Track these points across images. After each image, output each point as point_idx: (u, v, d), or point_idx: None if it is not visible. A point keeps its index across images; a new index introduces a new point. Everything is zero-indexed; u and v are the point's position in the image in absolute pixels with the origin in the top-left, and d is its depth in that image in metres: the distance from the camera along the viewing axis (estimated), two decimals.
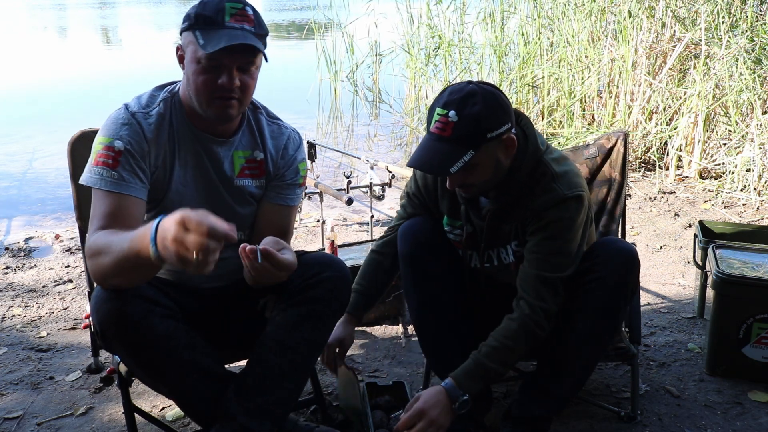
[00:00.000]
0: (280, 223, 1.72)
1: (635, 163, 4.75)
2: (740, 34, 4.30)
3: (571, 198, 1.61)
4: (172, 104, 1.61)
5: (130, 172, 1.51)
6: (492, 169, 1.61)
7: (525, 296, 1.64)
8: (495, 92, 1.57)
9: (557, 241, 1.63)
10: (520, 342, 1.63)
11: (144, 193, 1.54)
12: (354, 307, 1.88)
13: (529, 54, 5.47)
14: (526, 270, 1.66)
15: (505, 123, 1.56)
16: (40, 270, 3.21)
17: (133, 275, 1.38)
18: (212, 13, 1.48)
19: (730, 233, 2.67)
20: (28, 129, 6.52)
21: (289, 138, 1.73)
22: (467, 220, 1.77)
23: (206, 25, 1.48)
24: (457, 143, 1.53)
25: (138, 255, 1.27)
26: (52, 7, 27.30)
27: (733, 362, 2.16)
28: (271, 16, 20.82)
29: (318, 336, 1.63)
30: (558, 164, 1.65)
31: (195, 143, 1.62)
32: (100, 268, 1.39)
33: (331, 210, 4.04)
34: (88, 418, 2.01)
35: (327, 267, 1.62)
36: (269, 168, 1.70)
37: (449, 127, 1.52)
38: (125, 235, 1.32)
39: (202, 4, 1.50)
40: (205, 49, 1.45)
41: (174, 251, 1.17)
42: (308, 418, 1.97)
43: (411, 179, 1.89)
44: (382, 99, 8.02)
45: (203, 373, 1.54)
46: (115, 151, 1.50)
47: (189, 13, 1.52)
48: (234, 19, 1.48)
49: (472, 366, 1.64)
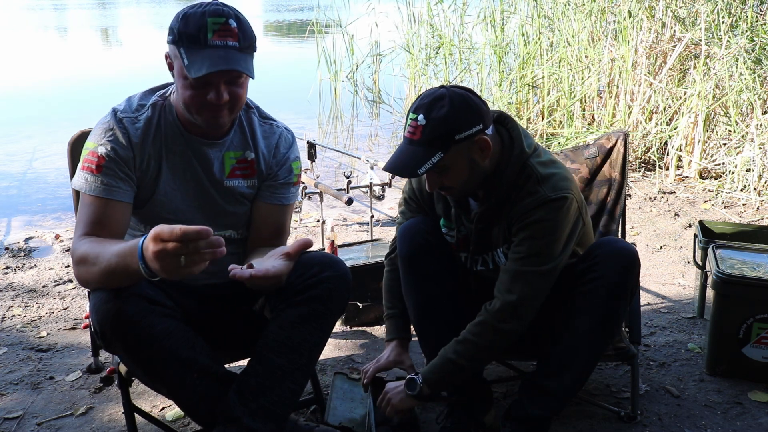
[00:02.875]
0: (275, 223, 1.74)
1: (635, 163, 4.75)
2: (740, 34, 4.30)
3: (554, 200, 1.61)
4: (162, 109, 1.62)
5: (114, 177, 1.54)
6: (467, 171, 1.62)
7: (496, 292, 1.66)
8: (464, 95, 1.59)
9: (539, 242, 1.63)
10: (483, 336, 1.65)
11: (128, 196, 1.57)
12: (398, 332, 1.90)
13: (529, 54, 5.48)
14: (504, 267, 1.68)
15: (474, 124, 1.57)
16: (40, 270, 3.21)
17: (119, 283, 1.43)
18: (194, 30, 1.45)
19: (730, 233, 2.67)
20: (28, 129, 6.52)
21: (281, 137, 1.73)
22: (459, 222, 1.78)
23: (190, 44, 1.46)
24: (426, 146, 1.56)
25: (128, 268, 1.34)
26: (52, 7, 27.29)
27: (733, 362, 2.16)
28: (271, 16, 20.82)
29: (318, 336, 1.63)
30: (545, 167, 1.66)
31: (185, 147, 1.63)
32: (87, 276, 1.46)
33: (331, 210, 4.04)
34: (88, 418, 2.01)
35: (327, 267, 1.62)
36: (261, 168, 1.70)
37: (418, 131, 1.57)
38: (111, 248, 1.39)
39: (185, 19, 1.48)
40: (189, 73, 1.45)
41: (160, 265, 1.23)
42: (308, 418, 1.97)
43: (407, 183, 1.90)
44: (382, 99, 8.02)
45: (202, 372, 1.54)
46: (99, 157, 1.54)
47: (172, 26, 1.50)
48: (217, 36, 1.46)
49: (437, 359, 1.70)
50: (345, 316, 2.60)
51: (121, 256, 1.35)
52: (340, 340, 2.51)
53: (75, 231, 1.55)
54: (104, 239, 1.48)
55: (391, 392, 1.76)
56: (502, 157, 1.66)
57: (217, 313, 1.72)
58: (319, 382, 1.94)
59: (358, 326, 2.61)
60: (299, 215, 3.89)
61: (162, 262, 1.22)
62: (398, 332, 1.90)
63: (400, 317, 1.90)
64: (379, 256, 2.59)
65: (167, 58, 1.55)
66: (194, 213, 1.65)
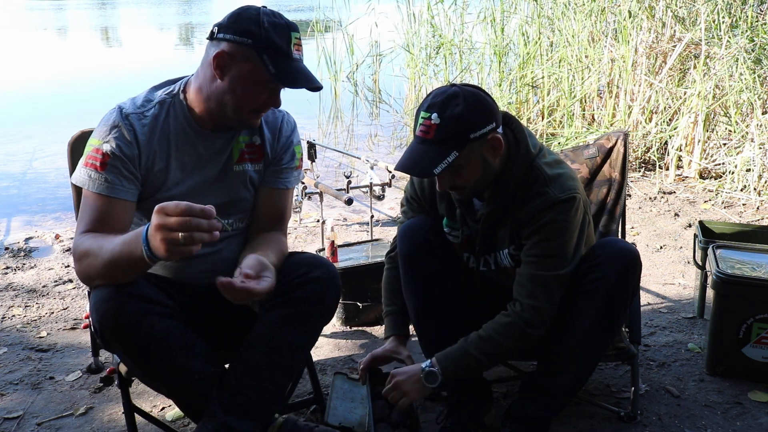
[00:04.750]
0: (277, 207, 1.75)
1: (635, 163, 4.75)
2: (740, 34, 4.30)
3: (563, 200, 1.61)
4: (171, 105, 1.61)
5: (118, 175, 1.53)
6: (480, 170, 1.62)
7: (518, 297, 1.65)
8: (477, 93, 1.58)
9: (552, 243, 1.63)
10: (509, 338, 1.64)
11: (132, 194, 1.57)
12: (397, 328, 1.89)
13: (529, 54, 5.47)
14: (521, 271, 1.67)
15: (488, 123, 1.57)
16: (40, 270, 3.21)
17: (120, 275, 1.44)
18: (283, 42, 1.50)
19: (730, 233, 2.67)
20: (28, 129, 6.52)
21: (284, 120, 1.76)
22: (463, 223, 1.78)
23: (277, 53, 1.49)
24: (440, 145, 1.55)
25: (130, 255, 1.35)
26: (51, 7, 27.30)
27: (733, 362, 2.16)
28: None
29: (301, 337, 1.63)
30: (551, 168, 1.66)
31: (196, 142, 1.63)
32: (89, 270, 1.46)
33: (331, 210, 4.04)
34: (88, 418, 2.01)
35: (315, 268, 1.62)
36: (267, 151, 1.72)
37: (432, 130, 1.55)
38: (115, 239, 1.41)
39: (271, 27, 1.49)
40: (281, 82, 1.51)
41: (160, 237, 1.25)
42: (308, 418, 1.97)
43: (409, 183, 1.89)
44: (382, 99, 8.02)
45: (201, 372, 1.54)
46: (103, 154, 1.53)
47: (251, 30, 1.48)
48: (296, 49, 1.53)
49: (455, 349, 1.68)
50: (345, 316, 2.60)
51: (125, 244, 1.37)
52: (340, 340, 2.51)
53: (77, 228, 1.55)
54: (106, 235, 1.48)
55: (402, 378, 1.71)
56: (508, 157, 1.66)
57: (217, 312, 1.72)
58: (319, 382, 1.94)
59: (358, 326, 2.61)
60: (299, 215, 3.88)
61: (161, 234, 1.25)
62: (397, 329, 1.89)
63: (399, 314, 1.89)
64: (379, 256, 2.59)
65: (223, 57, 1.51)
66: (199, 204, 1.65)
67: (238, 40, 1.50)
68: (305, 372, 1.95)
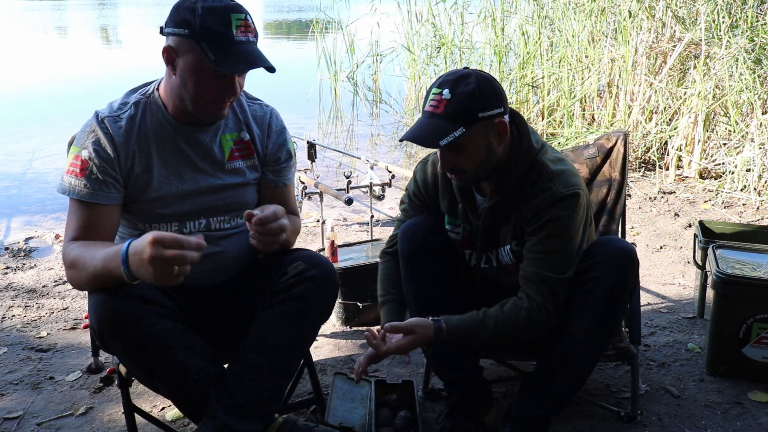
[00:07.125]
0: (281, 202, 1.74)
1: (635, 163, 4.75)
2: (740, 34, 4.30)
3: (567, 196, 1.61)
4: (146, 105, 1.62)
5: (97, 180, 1.54)
6: (483, 154, 1.62)
7: (527, 290, 1.64)
8: (490, 78, 1.60)
9: (556, 240, 1.63)
10: (518, 323, 1.62)
11: (115, 198, 1.57)
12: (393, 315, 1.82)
13: (530, 54, 5.48)
14: (526, 268, 1.66)
15: (497, 106, 1.58)
16: (40, 270, 3.21)
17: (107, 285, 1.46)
18: (219, 26, 1.45)
19: (730, 233, 2.67)
20: (28, 129, 6.52)
21: (272, 115, 1.76)
22: (465, 218, 1.77)
23: (215, 39, 1.45)
24: (448, 119, 1.55)
25: (111, 273, 1.39)
26: (51, 7, 27.29)
27: (733, 362, 2.16)
28: (272, 16, 20.82)
29: (299, 336, 1.62)
30: (554, 164, 1.66)
31: (177, 139, 1.63)
32: (78, 280, 1.50)
33: (331, 210, 4.04)
34: (88, 418, 2.01)
35: (312, 266, 1.62)
36: (257, 147, 1.72)
37: (442, 104, 1.56)
38: (98, 253, 1.43)
39: (204, 13, 1.45)
40: (220, 68, 1.46)
41: (152, 270, 1.28)
42: (308, 418, 1.97)
43: (411, 179, 1.89)
44: (382, 99, 8.03)
45: (201, 373, 1.54)
46: (82, 161, 1.54)
47: (187, 19, 1.46)
48: (240, 31, 1.47)
49: (467, 316, 1.65)
50: (345, 316, 2.60)
51: (105, 261, 1.40)
52: (340, 340, 2.51)
53: (65, 235, 1.57)
54: (93, 242, 1.50)
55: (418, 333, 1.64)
56: (511, 151, 1.66)
57: (216, 313, 1.72)
58: (319, 382, 1.93)
59: (358, 326, 2.61)
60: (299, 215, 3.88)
61: (155, 266, 1.27)
62: (393, 316, 1.80)
63: (394, 301, 1.84)
64: None
65: (169, 52, 1.51)
66: (193, 204, 1.65)
67: (178, 32, 1.49)
68: (305, 372, 1.95)
